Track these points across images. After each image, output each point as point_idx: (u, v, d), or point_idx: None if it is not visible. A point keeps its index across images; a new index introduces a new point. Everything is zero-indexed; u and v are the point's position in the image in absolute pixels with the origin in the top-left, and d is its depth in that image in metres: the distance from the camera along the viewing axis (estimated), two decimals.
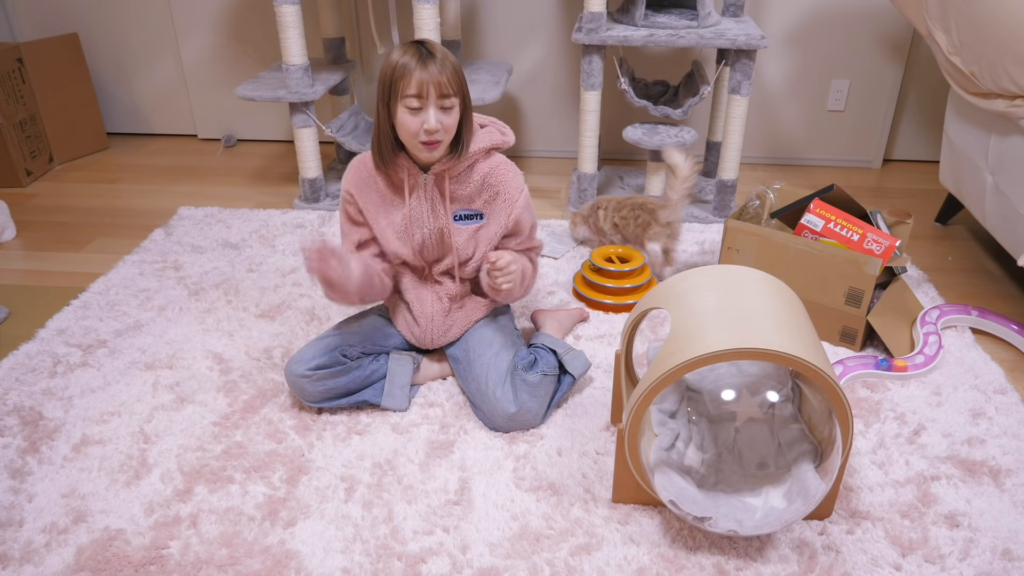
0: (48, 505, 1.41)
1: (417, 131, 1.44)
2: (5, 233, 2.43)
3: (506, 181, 1.58)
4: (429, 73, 1.40)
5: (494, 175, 1.58)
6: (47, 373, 1.77)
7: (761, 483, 1.32)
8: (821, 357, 1.21)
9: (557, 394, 1.62)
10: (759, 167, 3.05)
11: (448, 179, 1.56)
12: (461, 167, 1.56)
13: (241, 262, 2.25)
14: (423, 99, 1.42)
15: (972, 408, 1.65)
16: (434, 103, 1.43)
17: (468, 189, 1.58)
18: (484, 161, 1.58)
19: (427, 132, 1.44)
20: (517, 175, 1.60)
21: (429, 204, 1.58)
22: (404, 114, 1.44)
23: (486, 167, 1.58)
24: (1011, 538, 1.34)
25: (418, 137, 1.45)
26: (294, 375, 1.56)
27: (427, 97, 1.42)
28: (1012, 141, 1.91)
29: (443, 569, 1.28)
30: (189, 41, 3.07)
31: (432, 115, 1.43)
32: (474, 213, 1.61)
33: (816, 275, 1.82)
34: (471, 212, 1.60)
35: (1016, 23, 1.73)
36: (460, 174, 1.57)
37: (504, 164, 1.59)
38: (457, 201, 1.59)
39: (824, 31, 2.82)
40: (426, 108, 1.43)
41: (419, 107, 1.43)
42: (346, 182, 1.61)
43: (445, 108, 1.45)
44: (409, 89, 1.41)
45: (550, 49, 2.94)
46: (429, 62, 1.41)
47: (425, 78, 1.40)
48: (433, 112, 1.43)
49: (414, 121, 1.44)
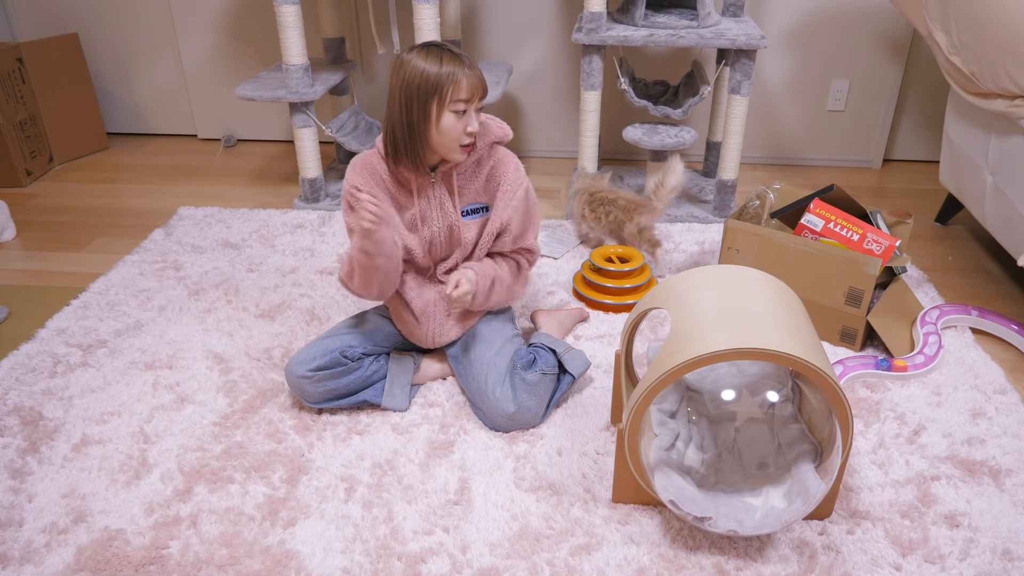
0: (48, 505, 1.41)
1: (460, 135, 1.47)
2: (5, 233, 2.43)
3: (508, 172, 1.60)
4: (476, 76, 1.45)
5: (498, 168, 1.60)
6: (47, 373, 1.77)
7: (761, 483, 1.32)
8: (821, 357, 1.21)
9: (557, 393, 1.62)
10: (759, 167, 3.05)
11: (455, 175, 1.57)
12: (467, 163, 1.57)
13: (241, 262, 2.25)
14: (470, 103, 1.46)
15: (972, 408, 1.65)
16: (475, 105, 1.47)
17: (476, 184, 1.60)
18: (488, 155, 1.60)
19: (468, 135, 1.48)
20: (519, 167, 1.62)
21: (438, 202, 1.59)
22: (450, 119, 1.45)
23: (490, 160, 1.60)
24: (1011, 538, 1.34)
25: (460, 141, 1.48)
26: (295, 376, 1.56)
27: (473, 100, 1.46)
28: (1012, 141, 1.91)
29: (443, 569, 1.28)
30: (189, 41, 3.07)
31: (474, 118, 1.47)
32: (480, 206, 1.62)
33: (816, 275, 1.82)
34: (477, 206, 1.62)
35: (1016, 23, 1.73)
36: (467, 170, 1.58)
37: (507, 156, 1.62)
38: (464, 196, 1.60)
39: (824, 31, 2.82)
40: (469, 111, 1.46)
41: (465, 111, 1.46)
42: (353, 179, 1.58)
43: (479, 111, 1.50)
44: (460, 93, 1.43)
45: (550, 49, 2.94)
46: (467, 64, 1.44)
47: (474, 82, 1.44)
48: (474, 115, 1.47)
49: (459, 126, 1.46)
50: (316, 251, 2.31)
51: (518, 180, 1.61)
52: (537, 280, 2.15)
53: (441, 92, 1.43)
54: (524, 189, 1.62)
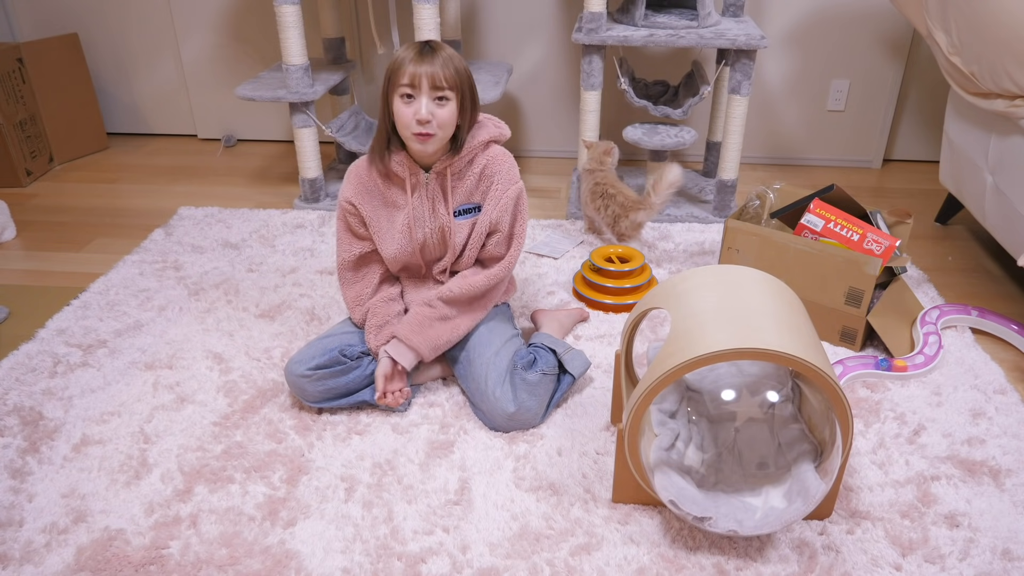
0: (48, 505, 1.41)
1: (409, 121, 1.48)
2: (5, 233, 2.43)
3: (502, 171, 1.60)
4: (423, 66, 1.45)
5: (491, 166, 1.60)
6: (47, 373, 1.77)
7: (761, 483, 1.32)
8: (821, 357, 1.21)
9: (557, 394, 1.62)
10: (759, 167, 3.05)
11: (449, 176, 1.57)
12: (461, 163, 1.57)
13: (241, 262, 2.25)
14: (416, 88, 1.46)
15: (972, 408, 1.65)
16: (427, 94, 1.46)
17: (468, 183, 1.60)
18: (483, 153, 1.60)
19: (419, 122, 1.47)
20: (513, 167, 1.62)
21: (430, 203, 1.59)
22: (399, 104, 1.48)
23: (484, 159, 1.60)
24: (1011, 538, 1.34)
25: (411, 128, 1.48)
26: (294, 375, 1.56)
27: (419, 87, 1.46)
28: (1012, 141, 1.91)
29: (443, 569, 1.28)
30: (189, 41, 3.07)
31: (424, 105, 1.46)
32: (472, 206, 1.62)
33: (816, 275, 1.82)
34: (470, 206, 1.62)
35: (1016, 23, 1.73)
36: (460, 169, 1.58)
37: (502, 155, 1.62)
38: (457, 195, 1.60)
39: (824, 31, 2.82)
40: (418, 98, 1.46)
41: (412, 97, 1.47)
42: (346, 192, 1.61)
43: (440, 101, 1.48)
44: (402, 79, 1.46)
45: (550, 49, 2.94)
46: (427, 56, 1.46)
47: (418, 70, 1.45)
48: (425, 102, 1.46)
49: (407, 111, 1.47)
50: (316, 251, 2.31)
51: (511, 179, 1.61)
52: (537, 280, 2.15)
53: (390, 78, 1.48)
54: (516, 189, 1.62)
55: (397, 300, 1.68)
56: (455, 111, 1.50)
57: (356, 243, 1.64)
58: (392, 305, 1.66)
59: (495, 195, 1.60)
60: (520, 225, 1.64)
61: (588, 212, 2.33)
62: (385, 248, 1.62)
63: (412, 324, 1.60)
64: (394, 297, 1.67)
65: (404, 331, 1.60)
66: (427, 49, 1.47)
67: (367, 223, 1.62)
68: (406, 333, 1.59)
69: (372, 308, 1.64)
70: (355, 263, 1.65)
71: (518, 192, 1.62)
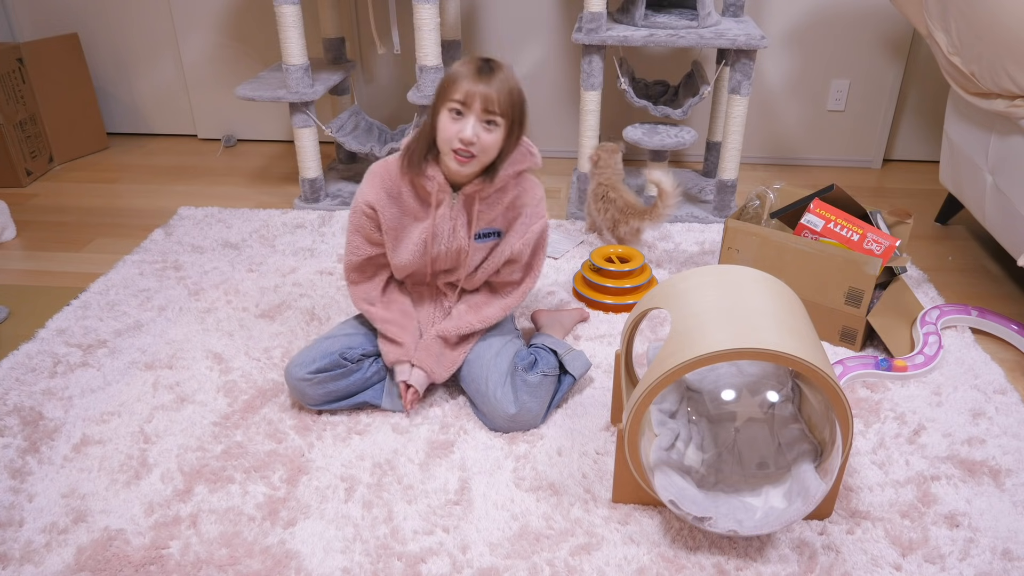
0: (48, 505, 1.41)
1: (452, 137, 1.43)
2: (5, 233, 2.43)
3: (531, 204, 1.59)
4: (480, 85, 1.40)
5: (522, 197, 1.58)
6: (47, 373, 1.77)
7: (761, 483, 1.32)
8: (821, 357, 1.21)
9: (557, 394, 1.62)
10: (759, 167, 3.05)
11: (478, 201, 1.55)
12: (491, 189, 1.55)
13: (241, 262, 2.25)
14: (467, 107, 1.42)
15: (972, 408, 1.65)
16: (477, 115, 1.42)
17: (495, 210, 1.57)
18: (514, 183, 1.57)
19: (461, 141, 1.43)
20: (543, 200, 1.61)
21: (452, 223, 1.56)
22: (445, 118, 1.43)
23: (515, 189, 1.57)
24: (1011, 538, 1.34)
25: (451, 144, 1.44)
26: (295, 378, 1.56)
27: (471, 106, 1.41)
28: (1012, 141, 1.91)
29: (443, 569, 1.28)
30: (189, 41, 3.07)
31: (471, 125, 1.42)
32: (493, 231, 1.60)
33: (816, 275, 1.82)
34: (490, 231, 1.60)
35: (1016, 23, 1.73)
36: (490, 196, 1.56)
37: (532, 187, 1.59)
38: (481, 220, 1.58)
39: (824, 31, 2.82)
40: (467, 117, 1.42)
41: (461, 114, 1.42)
42: (367, 195, 1.55)
43: (488, 125, 1.44)
44: (456, 94, 1.41)
45: (550, 49, 2.94)
46: (485, 75, 1.41)
47: (474, 89, 1.40)
48: (472, 123, 1.42)
49: (452, 128, 1.43)
50: (316, 251, 2.31)
51: (539, 213, 1.60)
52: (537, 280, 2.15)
53: (444, 88, 1.43)
54: (543, 224, 1.61)
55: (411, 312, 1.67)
56: (501, 138, 1.46)
57: (366, 246, 1.61)
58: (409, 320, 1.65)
59: (521, 228, 1.59)
60: (540, 257, 1.65)
61: (591, 212, 2.33)
62: (396, 257, 1.60)
63: (430, 354, 1.60)
64: (408, 311, 1.66)
65: (422, 358, 1.60)
66: (486, 68, 1.42)
67: (383, 229, 1.58)
68: (424, 360, 1.60)
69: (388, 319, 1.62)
70: (362, 265, 1.63)
71: (544, 227, 1.62)
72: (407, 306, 1.67)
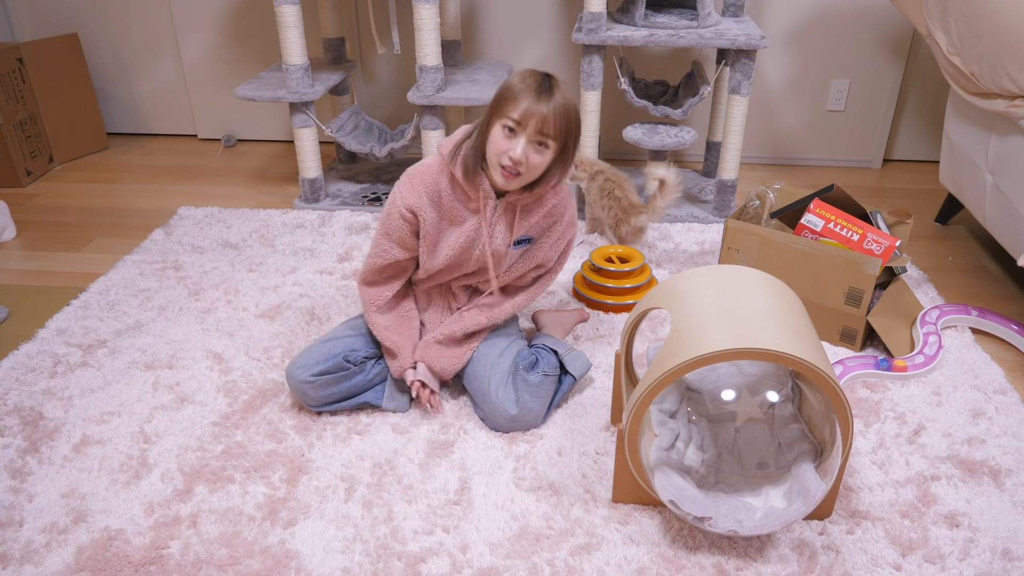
0: (48, 505, 1.41)
1: (501, 153, 1.42)
2: (5, 233, 2.43)
3: (567, 214, 1.61)
4: (540, 106, 1.38)
5: (559, 207, 1.60)
6: (47, 373, 1.77)
7: (761, 483, 1.32)
8: (821, 357, 1.21)
9: (558, 395, 1.62)
10: (759, 167, 3.05)
11: (519, 209, 1.55)
12: (531, 199, 1.55)
13: (241, 262, 2.25)
14: (521, 127, 1.40)
15: (972, 408, 1.65)
16: (530, 137, 1.41)
17: (534, 219, 1.58)
18: (552, 192, 1.58)
19: (511, 159, 1.42)
20: (575, 210, 1.64)
21: (491, 229, 1.56)
22: (497, 132, 1.42)
23: (553, 198, 1.58)
24: (1011, 538, 1.34)
25: (500, 159, 1.43)
26: (297, 381, 1.55)
27: (525, 127, 1.40)
28: (1012, 141, 1.91)
29: (443, 569, 1.28)
30: (189, 41, 3.07)
31: (521, 146, 1.41)
32: (527, 238, 1.61)
33: (816, 275, 1.82)
34: (524, 237, 1.60)
35: (1016, 23, 1.73)
36: (529, 204, 1.57)
37: (569, 200, 1.61)
38: (521, 228, 1.58)
39: (824, 31, 2.82)
40: (520, 136, 1.41)
41: (514, 132, 1.41)
42: (408, 198, 1.53)
43: (539, 147, 1.43)
44: (512, 112, 1.39)
45: (550, 49, 2.94)
46: (545, 97, 1.39)
47: (534, 109, 1.38)
48: (523, 144, 1.41)
49: (503, 144, 1.42)
50: (316, 251, 2.31)
51: (572, 223, 1.63)
52: None
53: (502, 102, 1.41)
54: (573, 233, 1.65)
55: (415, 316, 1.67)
56: (550, 160, 1.45)
57: (395, 250, 1.58)
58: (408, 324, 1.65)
59: (554, 236, 1.62)
60: (562, 263, 1.69)
61: (595, 212, 2.33)
62: (431, 261, 1.59)
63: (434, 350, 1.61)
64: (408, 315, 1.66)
65: (426, 355, 1.61)
66: (547, 87, 1.39)
67: (421, 234, 1.56)
68: (429, 356, 1.60)
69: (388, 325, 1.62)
70: (384, 268, 1.61)
71: (573, 235, 1.65)
72: (410, 310, 1.67)
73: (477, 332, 1.65)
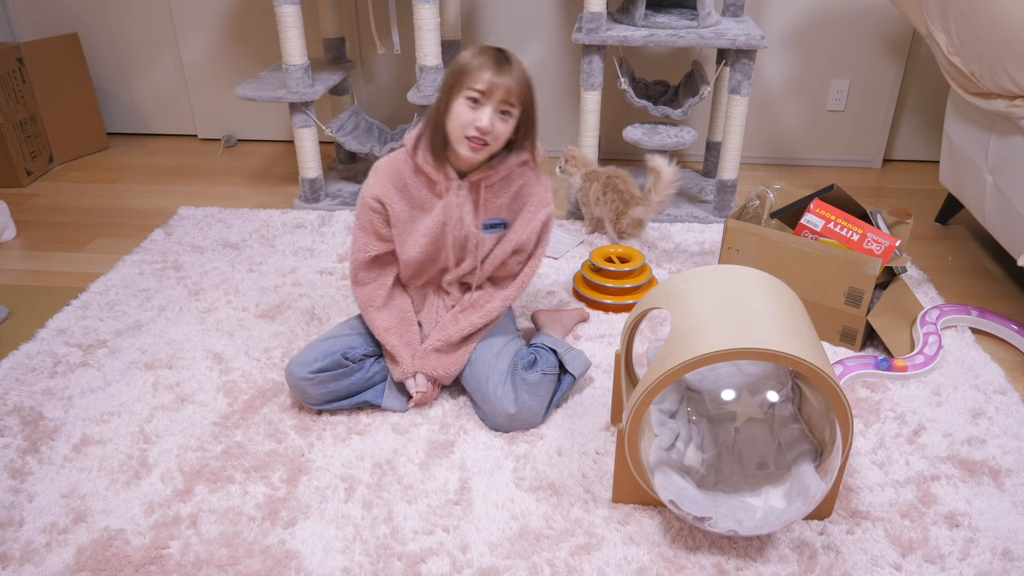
0: (48, 505, 1.41)
1: (467, 124, 1.45)
2: (5, 233, 2.43)
3: (537, 193, 1.60)
4: (502, 77, 1.42)
5: (528, 187, 1.59)
6: (47, 373, 1.77)
7: (761, 483, 1.32)
8: (821, 357, 1.21)
9: (557, 394, 1.62)
10: (759, 167, 3.05)
11: (483, 188, 1.56)
12: (496, 177, 1.55)
13: (241, 262, 2.25)
14: (486, 97, 1.43)
15: (972, 408, 1.65)
16: (495, 106, 1.44)
17: (501, 200, 1.59)
18: (519, 172, 1.58)
19: (478, 129, 1.44)
20: (548, 190, 1.62)
21: (459, 211, 1.57)
22: (461, 105, 1.45)
23: (521, 179, 1.59)
24: (1011, 538, 1.34)
25: (466, 131, 1.45)
26: (296, 378, 1.56)
27: (490, 97, 1.43)
28: (1012, 141, 1.91)
29: (443, 569, 1.28)
30: (189, 41, 3.07)
31: (487, 114, 1.44)
32: (499, 222, 1.61)
33: (816, 275, 1.82)
34: (497, 221, 1.61)
35: (1016, 23, 1.73)
36: (495, 184, 1.57)
37: (538, 177, 1.61)
38: (488, 209, 1.59)
39: (824, 31, 2.82)
40: (484, 106, 1.44)
41: (478, 103, 1.44)
42: (373, 189, 1.57)
43: (503, 115, 1.46)
44: (476, 84, 1.43)
45: (550, 49, 2.94)
46: (505, 68, 1.43)
47: (497, 80, 1.42)
48: (489, 113, 1.44)
49: (469, 115, 1.44)
50: (316, 251, 2.31)
51: (543, 202, 1.62)
52: (537, 280, 2.15)
53: (461, 77, 1.44)
54: (547, 212, 1.62)
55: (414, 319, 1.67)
56: (513, 127, 1.49)
57: (374, 243, 1.61)
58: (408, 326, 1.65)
59: (526, 216, 1.61)
60: (542, 247, 1.66)
61: (595, 211, 2.33)
62: (406, 251, 1.60)
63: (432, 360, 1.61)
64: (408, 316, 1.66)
65: (426, 366, 1.61)
66: (504, 59, 1.44)
67: (392, 222, 1.59)
68: (428, 367, 1.61)
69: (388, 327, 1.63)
70: (369, 263, 1.63)
71: (548, 215, 1.63)
72: (407, 311, 1.66)
73: (474, 333, 1.65)
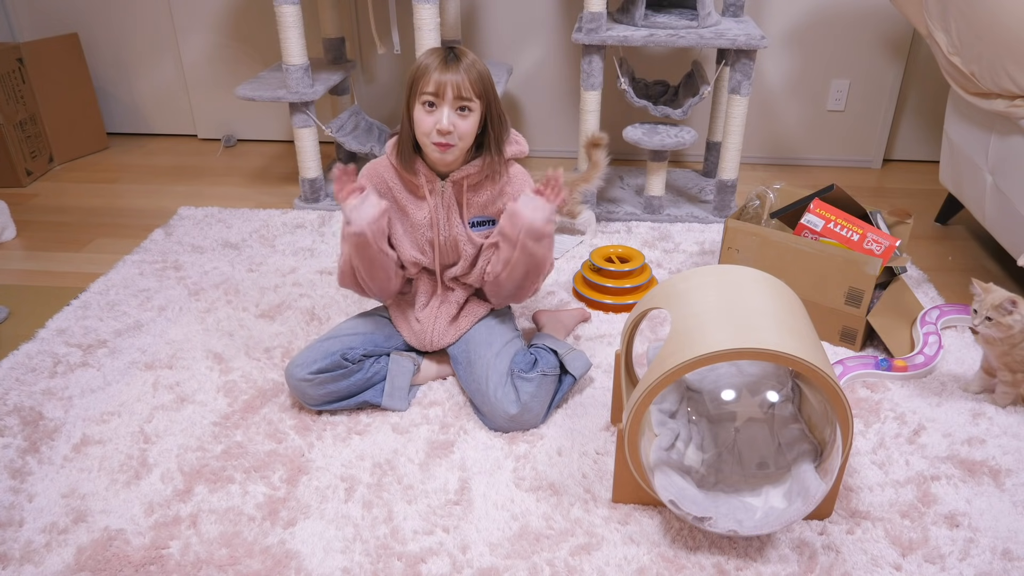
0: (48, 505, 1.41)
1: (430, 130, 1.45)
2: (5, 233, 2.43)
3: (521, 190, 1.59)
4: (449, 74, 1.42)
5: (511, 184, 1.59)
6: (47, 373, 1.77)
7: (761, 483, 1.32)
8: (821, 357, 1.21)
9: (558, 394, 1.62)
10: (759, 167, 3.05)
11: (466, 187, 1.56)
12: (478, 175, 1.56)
13: (241, 262, 2.25)
14: (439, 98, 1.44)
15: (972, 408, 1.65)
16: (450, 104, 1.44)
17: (484, 197, 1.59)
18: (504, 170, 1.58)
19: (439, 132, 1.45)
20: (529, 183, 1.61)
21: (445, 212, 1.58)
22: (420, 112, 1.46)
23: (503, 177, 1.58)
24: (1011, 538, 1.34)
25: (430, 137, 1.46)
26: (295, 379, 1.56)
27: (443, 97, 1.43)
28: (1012, 141, 1.91)
29: (443, 569, 1.28)
30: (189, 41, 3.07)
31: (445, 115, 1.44)
32: (487, 219, 1.61)
33: (816, 275, 1.82)
34: (484, 218, 1.61)
35: (1016, 23, 1.73)
36: (478, 182, 1.57)
37: (521, 175, 1.60)
38: (472, 207, 1.59)
39: (824, 31, 2.82)
40: (440, 107, 1.44)
41: (434, 105, 1.44)
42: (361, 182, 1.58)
43: (462, 112, 1.46)
44: (427, 87, 1.43)
45: (550, 49, 2.94)
46: (452, 64, 1.43)
47: (443, 78, 1.42)
48: (447, 112, 1.44)
49: (428, 120, 1.45)
50: (316, 251, 2.31)
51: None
52: None
53: (413, 83, 1.45)
54: None
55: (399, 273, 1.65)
56: (477, 121, 1.48)
57: None
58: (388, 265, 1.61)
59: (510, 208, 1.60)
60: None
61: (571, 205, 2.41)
62: (402, 252, 1.62)
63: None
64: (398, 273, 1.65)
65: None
66: (451, 56, 1.45)
67: None
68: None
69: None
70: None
71: None
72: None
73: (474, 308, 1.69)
